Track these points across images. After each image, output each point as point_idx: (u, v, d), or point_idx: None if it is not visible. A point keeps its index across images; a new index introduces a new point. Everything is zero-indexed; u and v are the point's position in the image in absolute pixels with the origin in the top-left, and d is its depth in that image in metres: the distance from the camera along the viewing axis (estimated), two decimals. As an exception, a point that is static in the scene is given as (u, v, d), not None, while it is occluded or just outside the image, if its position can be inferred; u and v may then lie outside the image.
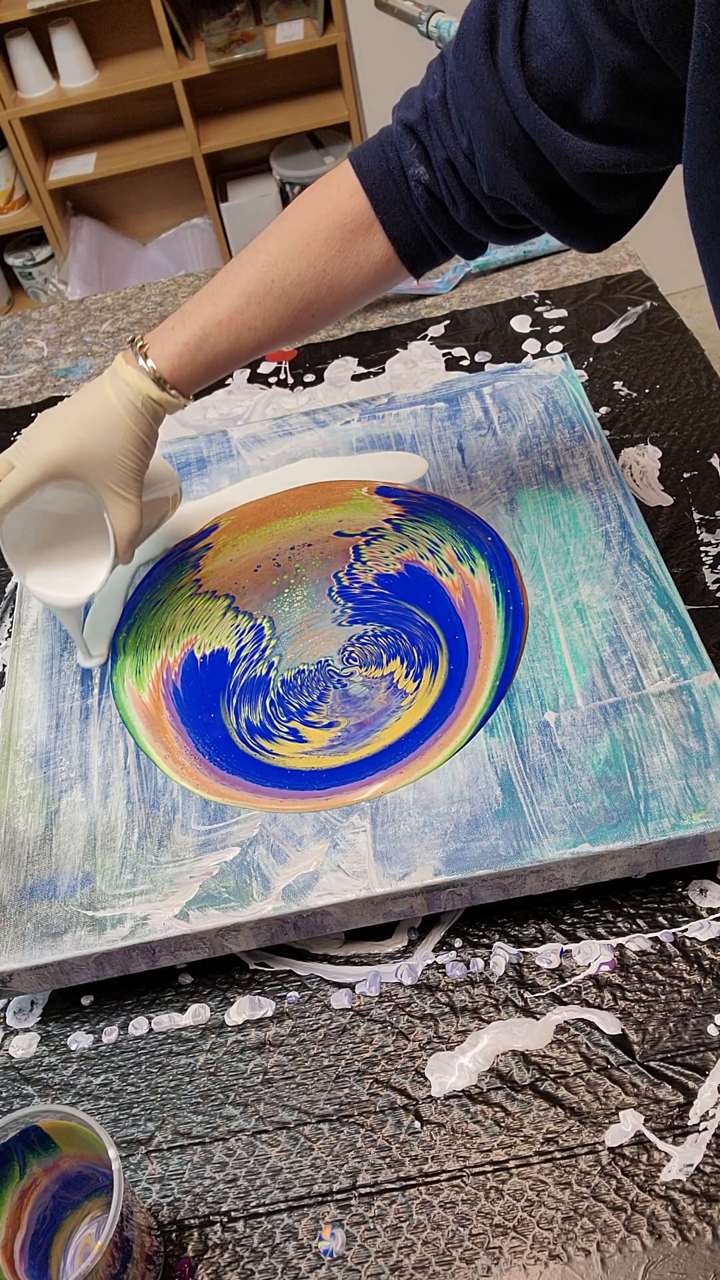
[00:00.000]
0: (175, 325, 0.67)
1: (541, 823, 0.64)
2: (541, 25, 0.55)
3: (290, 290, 0.65)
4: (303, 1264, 0.56)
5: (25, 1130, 0.52)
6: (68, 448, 0.67)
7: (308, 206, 0.66)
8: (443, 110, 0.62)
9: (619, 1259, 0.54)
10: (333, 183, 0.66)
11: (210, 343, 0.66)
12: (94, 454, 0.67)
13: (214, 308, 0.66)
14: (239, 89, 2.29)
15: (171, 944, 0.64)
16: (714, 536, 0.83)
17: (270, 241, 0.66)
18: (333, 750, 0.70)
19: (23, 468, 0.67)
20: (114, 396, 0.67)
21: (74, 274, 2.25)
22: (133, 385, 0.66)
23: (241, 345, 0.67)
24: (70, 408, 0.68)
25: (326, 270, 0.65)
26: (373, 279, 0.67)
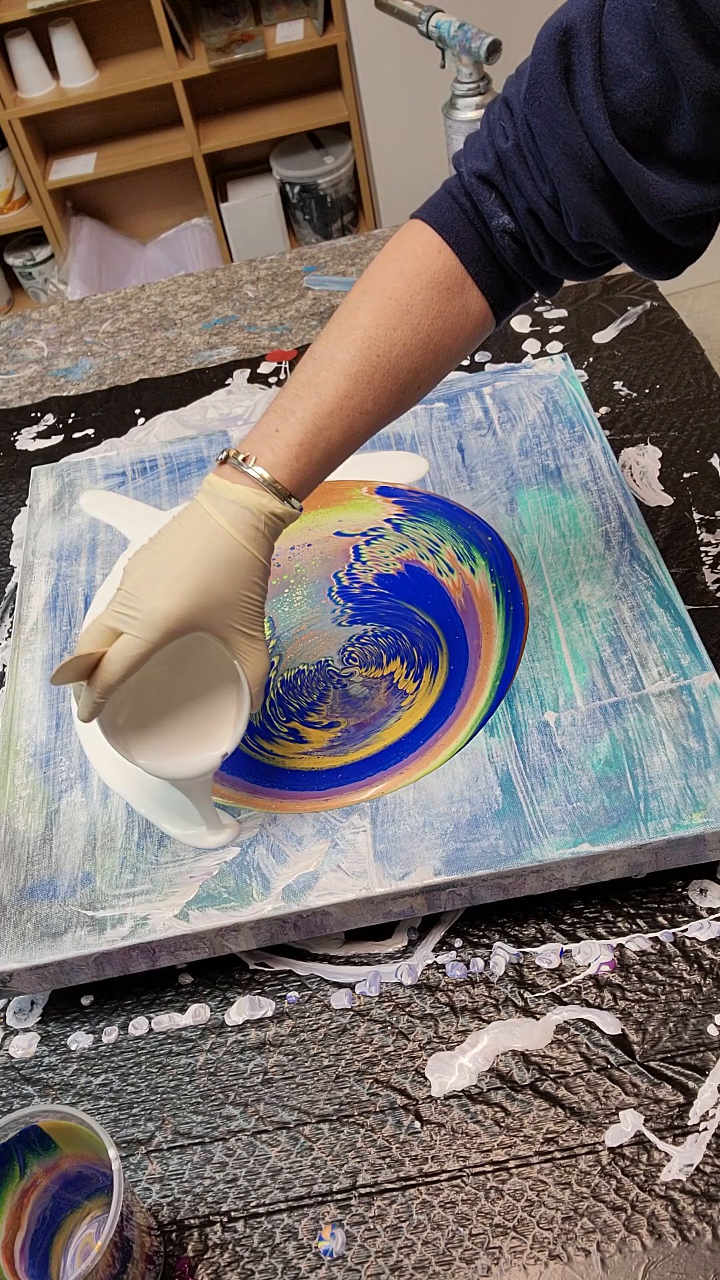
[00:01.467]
0: (276, 426, 0.59)
1: (541, 823, 0.64)
2: (621, 56, 0.52)
3: (398, 362, 0.60)
4: (303, 1264, 0.56)
5: (25, 1130, 0.52)
6: (190, 601, 0.57)
7: (391, 272, 0.61)
8: (519, 158, 0.58)
9: (619, 1259, 0.54)
10: (410, 243, 0.61)
11: (325, 437, 0.59)
12: (218, 599, 0.58)
13: (318, 397, 0.59)
14: (239, 89, 2.29)
15: (171, 944, 0.64)
16: (714, 536, 0.83)
17: (363, 314, 0.60)
18: (333, 751, 0.70)
19: (139, 633, 0.56)
20: (228, 525, 0.57)
21: (74, 274, 2.25)
22: (251, 506, 0.58)
23: (355, 433, 0.60)
24: (176, 548, 0.58)
25: (431, 334, 0.60)
26: (471, 336, 0.63)
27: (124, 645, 0.57)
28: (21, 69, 2.14)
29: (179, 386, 1.08)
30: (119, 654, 0.57)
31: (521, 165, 0.58)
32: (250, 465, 0.58)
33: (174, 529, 0.59)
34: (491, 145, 0.59)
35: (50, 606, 0.83)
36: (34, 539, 0.88)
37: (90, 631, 0.58)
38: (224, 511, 0.58)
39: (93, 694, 0.58)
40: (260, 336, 1.13)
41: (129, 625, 0.57)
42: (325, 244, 1.25)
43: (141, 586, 0.57)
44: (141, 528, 0.87)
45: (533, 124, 0.56)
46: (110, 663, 0.57)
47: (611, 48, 0.52)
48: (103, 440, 1.04)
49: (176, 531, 0.59)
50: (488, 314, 0.63)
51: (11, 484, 1.02)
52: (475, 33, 1.02)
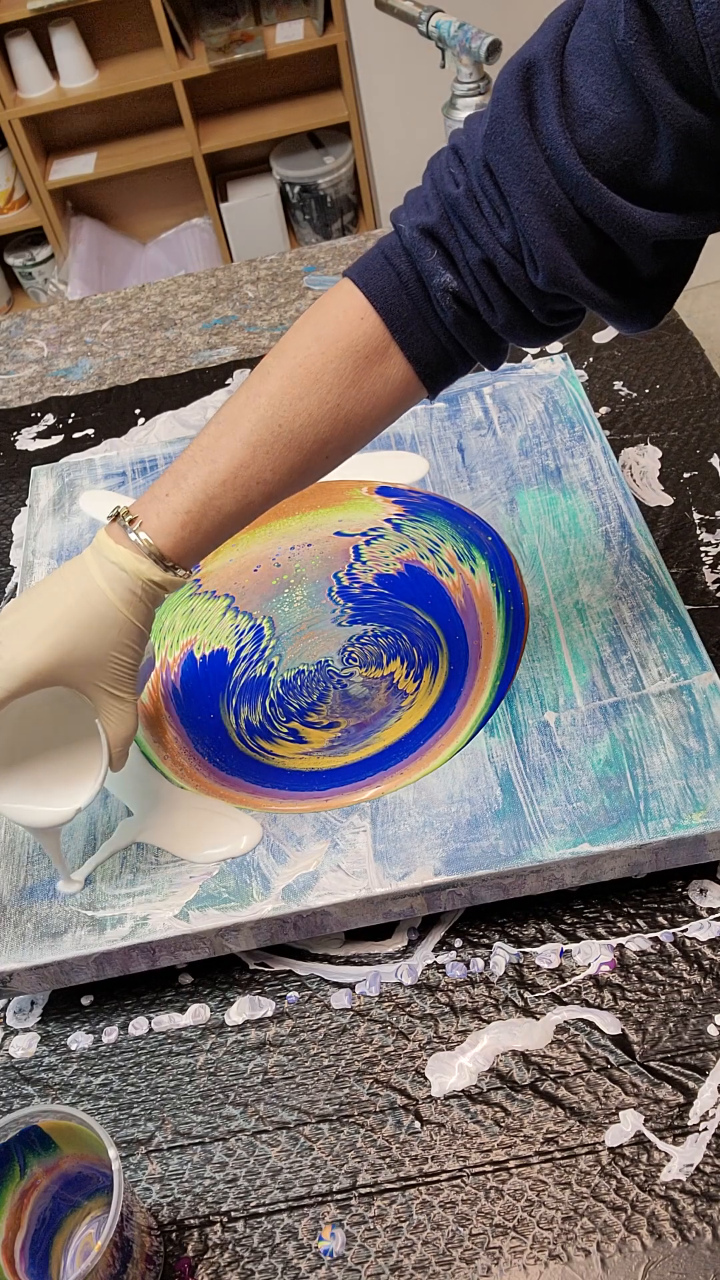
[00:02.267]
0: (168, 490, 0.57)
1: (541, 823, 0.64)
2: (586, 97, 0.50)
3: (301, 433, 0.57)
4: (303, 1264, 0.56)
5: (25, 1130, 0.52)
6: (53, 654, 0.56)
7: (307, 337, 0.58)
8: (471, 204, 0.54)
9: (619, 1259, 0.54)
10: (333, 307, 0.58)
11: (215, 505, 0.57)
12: (85, 656, 0.57)
13: (213, 465, 0.57)
14: (239, 89, 2.30)
15: (171, 944, 0.64)
16: (714, 536, 0.83)
17: (271, 381, 0.57)
18: (333, 751, 0.70)
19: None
20: (105, 585, 0.56)
21: (74, 274, 2.25)
22: (129, 570, 0.56)
23: (250, 503, 0.58)
24: (48, 602, 0.57)
25: (340, 405, 0.57)
26: (390, 406, 0.59)
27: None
28: (21, 69, 2.14)
29: (179, 386, 1.08)
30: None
31: (475, 211, 0.55)
32: (135, 529, 0.57)
33: (54, 580, 0.58)
34: (437, 196, 0.56)
35: (50, 606, 0.83)
36: (34, 539, 0.88)
37: None
38: (103, 571, 0.57)
39: None
40: (260, 336, 1.13)
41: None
42: (325, 244, 1.25)
43: (8, 633, 0.57)
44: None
45: (493, 163, 0.53)
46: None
47: (576, 88, 0.50)
48: (103, 440, 1.04)
49: (55, 583, 0.58)
50: (413, 382, 0.59)
51: (11, 484, 1.02)
52: (475, 33, 1.01)
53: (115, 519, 0.58)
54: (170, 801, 0.69)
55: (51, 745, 0.62)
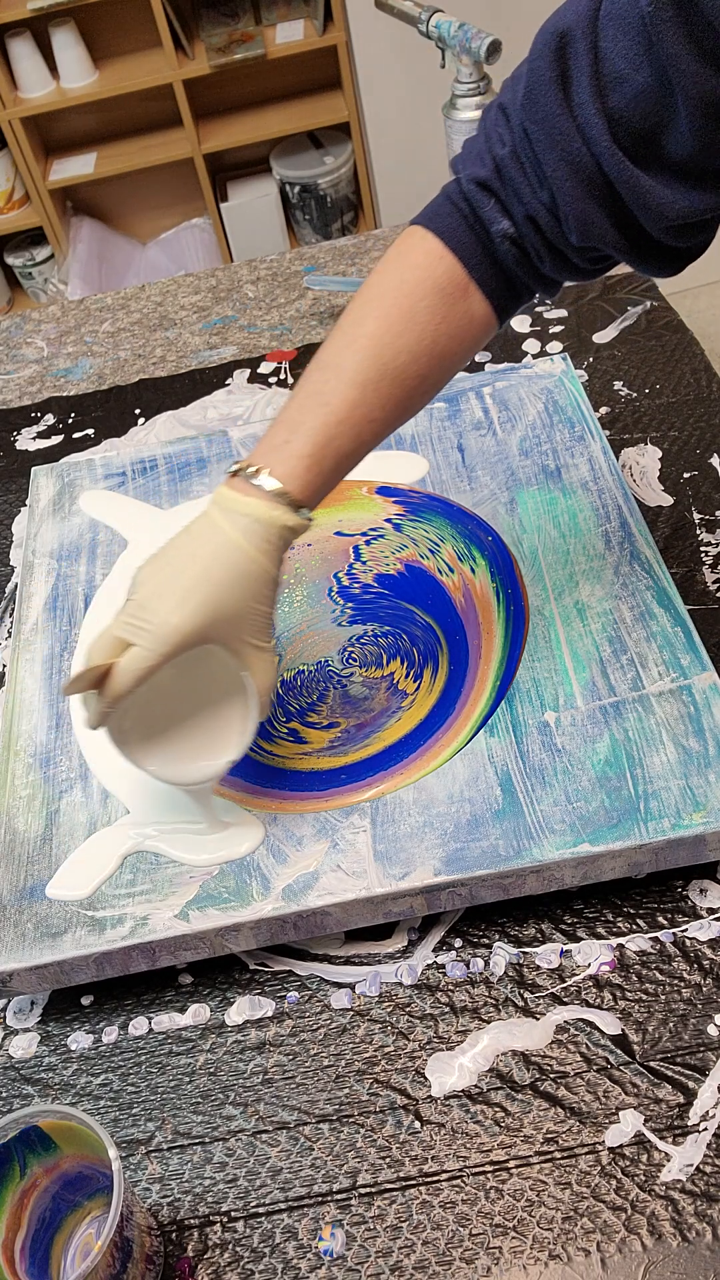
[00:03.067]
0: (285, 438, 0.59)
1: (541, 823, 0.64)
2: (616, 62, 0.52)
3: (403, 369, 0.59)
4: (303, 1264, 0.56)
5: (25, 1130, 0.52)
6: (201, 615, 0.57)
7: (394, 279, 0.61)
8: (517, 165, 0.58)
9: (619, 1259, 0.54)
10: (411, 252, 0.61)
11: (334, 446, 0.59)
12: (229, 611, 0.58)
13: (326, 407, 0.59)
14: (239, 89, 2.29)
15: (171, 944, 0.64)
16: (714, 536, 0.83)
17: (367, 324, 0.60)
18: (333, 751, 0.70)
19: (149, 645, 0.56)
20: (241, 538, 0.57)
21: (74, 274, 2.25)
22: (263, 519, 0.57)
23: (363, 441, 0.60)
24: (184, 563, 0.58)
25: (436, 340, 0.60)
26: (475, 339, 0.62)
27: (134, 657, 0.57)
28: (21, 69, 2.14)
29: (179, 386, 1.08)
30: (129, 666, 0.57)
31: (519, 172, 0.58)
32: (261, 478, 0.58)
33: (184, 541, 0.59)
34: (489, 152, 0.59)
35: (50, 606, 0.83)
36: (34, 539, 0.88)
37: (100, 642, 0.58)
38: (236, 525, 0.58)
39: (102, 704, 0.58)
40: (260, 336, 1.13)
41: (139, 637, 0.57)
42: (325, 244, 1.25)
43: (152, 599, 0.57)
44: (141, 528, 0.87)
45: (530, 131, 0.56)
46: (120, 674, 0.57)
47: (607, 53, 0.52)
48: (103, 440, 1.04)
49: (187, 543, 0.59)
50: (491, 317, 0.62)
51: (11, 484, 1.02)
52: (475, 33, 1.01)
53: (235, 474, 0.59)
54: (171, 802, 0.69)
55: (190, 704, 0.63)
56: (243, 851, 0.66)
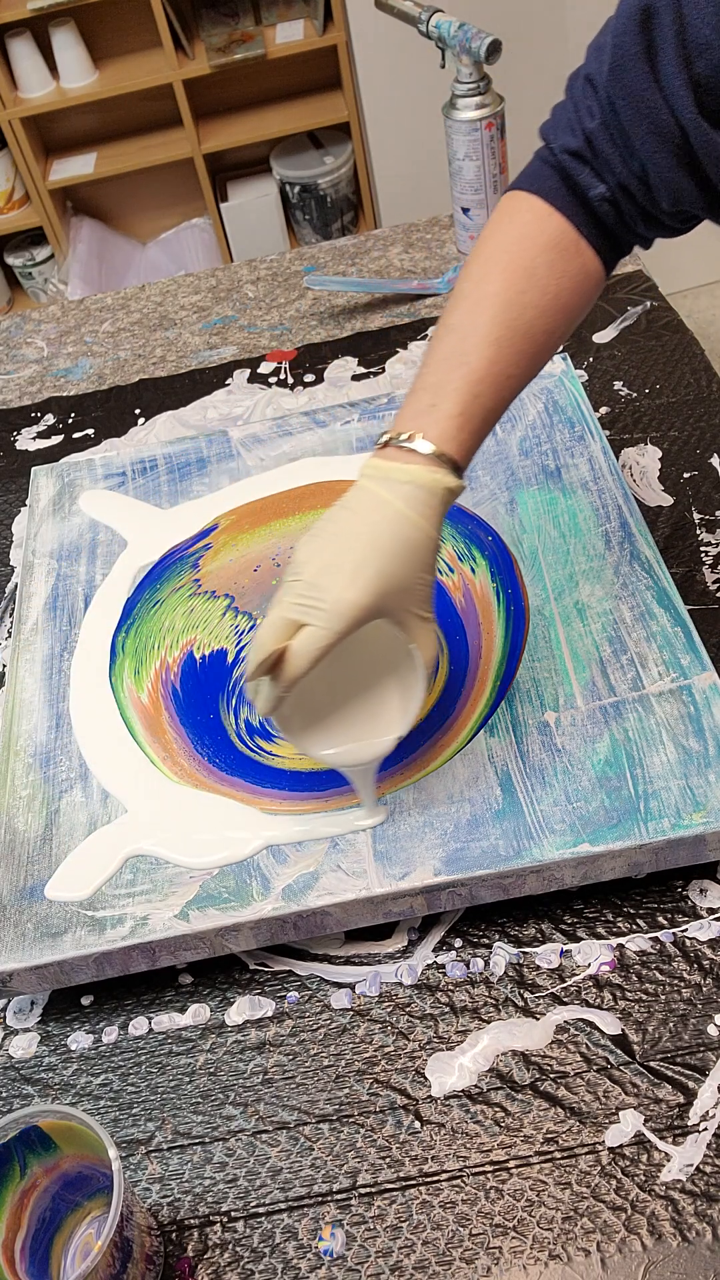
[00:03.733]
0: (431, 401, 0.59)
1: (541, 823, 0.64)
2: (701, 30, 0.53)
3: (532, 324, 0.61)
4: (303, 1264, 0.56)
5: (25, 1130, 0.52)
6: (374, 588, 0.56)
7: (509, 239, 0.63)
8: (606, 137, 0.60)
9: (619, 1259, 0.54)
10: (519, 214, 0.63)
11: (480, 403, 0.59)
12: (399, 583, 0.56)
13: (467, 367, 0.59)
14: (239, 89, 2.29)
15: (171, 944, 0.64)
16: (714, 536, 0.83)
17: (490, 284, 0.61)
18: (333, 750, 0.70)
19: (324, 624, 0.55)
20: (405, 507, 0.57)
21: (74, 274, 2.25)
22: (426, 485, 0.57)
23: (502, 398, 0.61)
24: (348, 539, 0.57)
25: (559, 294, 0.62)
26: (591, 292, 0.64)
27: (310, 637, 0.55)
28: (21, 69, 2.14)
29: (179, 386, 1.08)
30: (304, 647, 0.55)
31: (610, 144, 0.60)
32: (416, 443, 0.58)
33: (345, 516, 0.58)
34: (579, 123, 0.61)
35: (50, 606, 0.83)
36: (34, 539, 0.88)
37: (270, 626, 0.56)
38: (397, 493, 0.57)
39: (277, 688, 0.57)
40: (260, 336, 1.13)
41: (313, 617, 0.55)
42: (325, 244, 1.25)
43: (322, 577, 0.56)
44: (141, 528, 0.87)
45: (617, 104, 0.58)
46: (296, 656, 0.56)
47: (692, 20, 0.53)
48: (103, 440, 1.04)
49: (348, 518, 0.58)
50: (601, 270, 0.64)
51: (11, 484, 1.02)
52: (475, 33, 1.01)
53: (385, 445, 0.59)
54: (171, 802, 0.69)
55: (347, 684, 0.62)
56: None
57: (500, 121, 1.07)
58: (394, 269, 1.19)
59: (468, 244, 1.15)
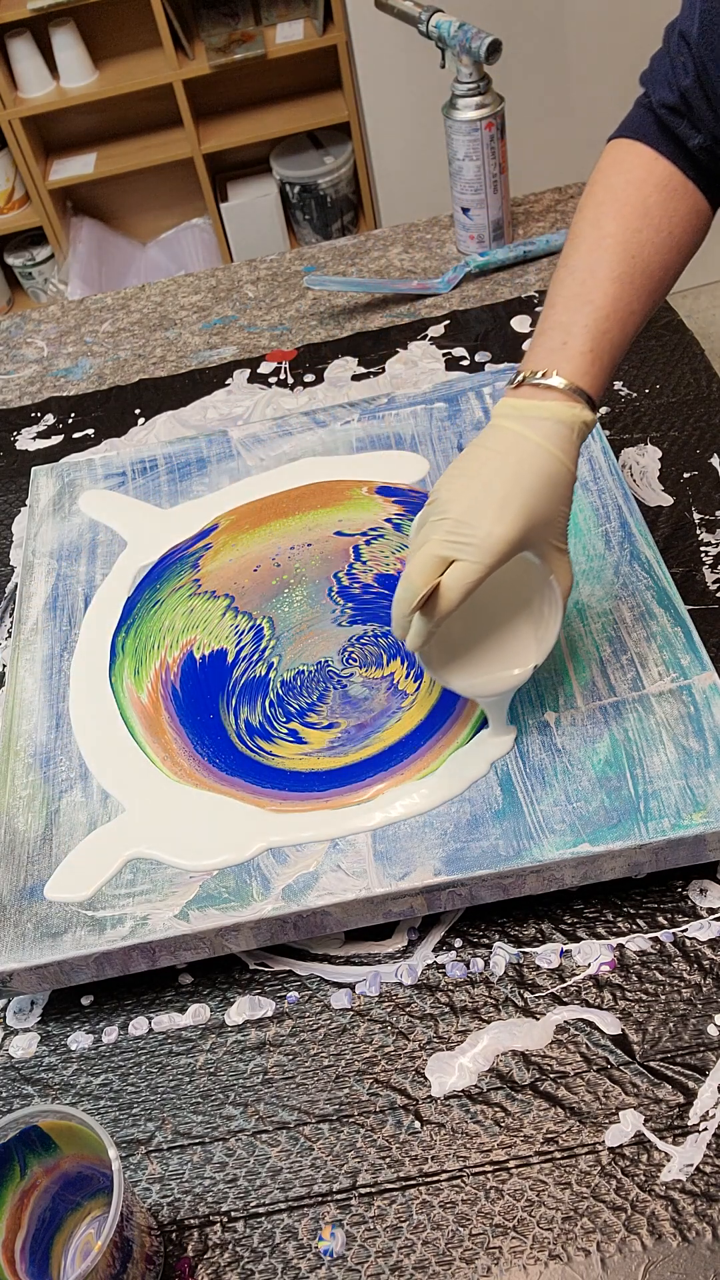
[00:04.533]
0: (562, 340, 0.62)
1: (541, 823, 0.64)
2: None
3: (649, 261, 0.64)
4: (303, 1264, 0.56)
5: (25, 1130, 0.52)
6: (521, 522, 0.58)
7: (619, 182, 0.66)
8: (700, 95, 0.63)
9: (619, 1259, 0.54)
10: (624, 157, 0.67)
11: (607, 339, 0.62)
12: (542, 517, 0.59)
13: (590, 305, 0.62)
14: (239, 89, 2.29)
15: (171, 944, 0.64)
16: (714, 536, 0.83)
17: (606, 225, 0.64)
18: (333, 752, 0.70)
19: (475, 559, 0.57)
20: (545, 442, 0.59)
21: (74, 274, 2.25)
22: (564, 419, 0.59)
23: (627, 334, 0.64)
24: (490, 476, 0.59)
25: (673, 232, 0.65)
26: (702, 230, 0.67)
27: (461, 572, 0.57)
28: (21, 69, 2.14)
29: (179, 386, 1.08)
30: (456, 581, 0.57)
31: (703, 102, 0.63)
32: (552, 379, 0.60)
33: (485, 455, 0.60)
34: (675, 79, 0.65)
35: (50, 606, 0.83)
36: (34, 539, 0.88)
37: (420, 564, 0.58)
38: (538, 430, 0.59)
39: (429, 623, 0.59)
40: (260, 336, 1.13)
41: (464, 552, 0.57)
42: (325, 244, 1.25)
43: (471, 514, 0.58)
44: (140, 528, 0.87)
45: (708, 66, 0.61)
46: (449, 590, 0.58)
47: None
48: (103, 440, 1.04)
49: (489, 458, 0.59)
50: (709, 209, 0.67)
51: (11, 484, 1.02)
52: (475, 33, 1.01)
53: (519, 384, 0.62)
54: (172, 802, 0.69)
55: (483, 617, 0.64)
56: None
57: (500, 121, 1.07)
58: (394, 269, 1.19)
59: (468, 244, 1.15)
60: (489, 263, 1.14)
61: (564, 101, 2.03)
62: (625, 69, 2.02)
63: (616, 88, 2.01)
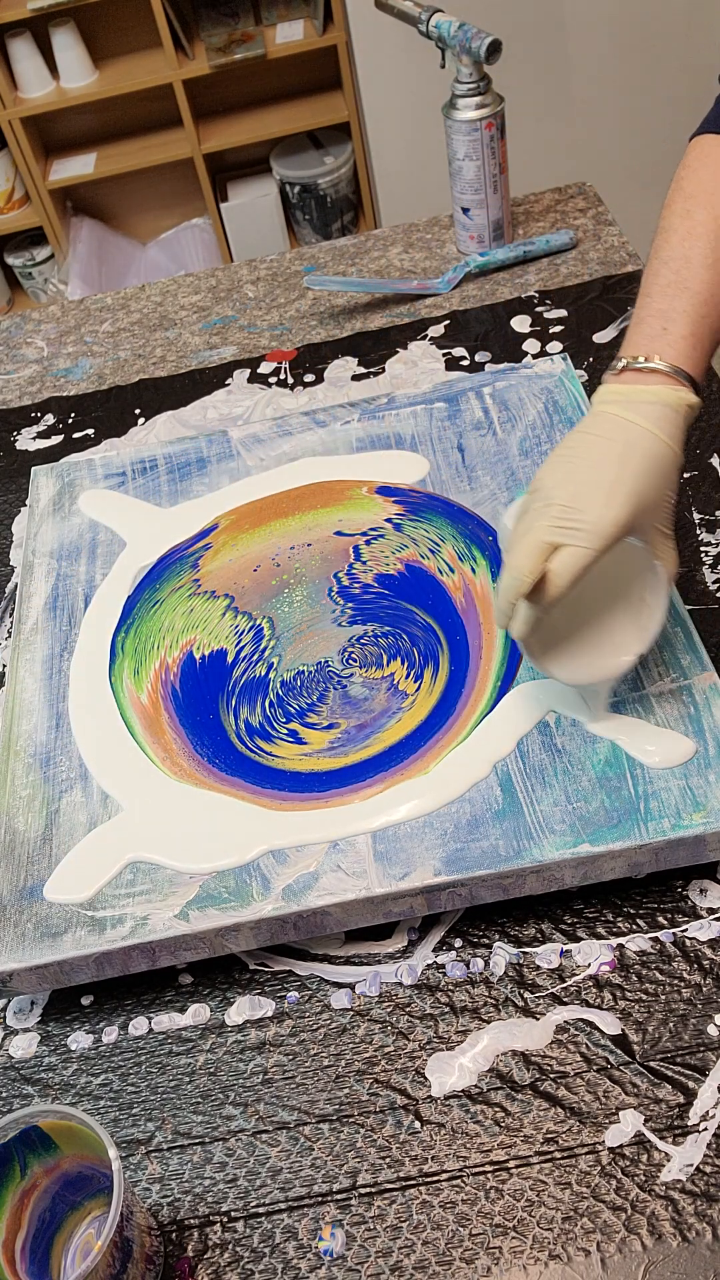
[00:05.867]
0: (663, 326, 0.64)
1: (541, 823, 0.64)
2: None
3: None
4: (303, 1264, 0.56)
5: (25, 1130, 0.52)
6: (629, 506, 0.58)
7: (705, 175, 0.68)
8: None
9: (619, 1259, 0.54)
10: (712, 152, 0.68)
11: (706, 323, 0.64)
12: (650, 501, 0.60)
13: (688, 291, 0.64)
14: (239, 89, 2.29)
15: (171, 944, 0.64)
16: (714, 536, 0.83)
17: (697, 217, 0.66)
18: (333, 752, 0.70)
19: (585, 543, 0.58)
20: (652, 426, 0.60)
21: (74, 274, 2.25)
22: (670, 403, 0.61)
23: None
24: (599, 458, 0.60)
25: None
26: None
27: (571, 557, 0.58)
28: (21, 69, 2.14)
29: (179, 386, 1.08)
30: (566, 566, 0.58)
31: None
32: (655, 363, 0.62)
33: (591, 441, 0.61)
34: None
35: (50, 606, 0.83)
36: (34, 539, 0.88)
37: (527, 551, 0.58)
38: (644, 414, 0.60)
39: (537, 609, 0.60)
40: (260, 336, 1.13)
41: (574, 538, 0.58)
42: (325, 244, 1.25)
43: (579, 499, 0.58)
44: (140, 528, 0.87)
45: None
46: (558, 575, 0.58)
47: None
48: (103, 440, 1.04)
49: (595, 443, 0.60)
50: None
51: (11, 484, 1.02)
52: (475, 33, 1.01)
53: (622, 370, 0.63)
54: (173, 802, 0.69)
55: (583, 604, 0.64)
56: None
57: (500, 121, 1.07)
58: (394, 269, 1.19)
59: (468, 244, 1.15)
60: (489, 263, 1.14)
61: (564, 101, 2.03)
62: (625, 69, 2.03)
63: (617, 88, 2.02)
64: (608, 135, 2.04)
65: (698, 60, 1.90)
